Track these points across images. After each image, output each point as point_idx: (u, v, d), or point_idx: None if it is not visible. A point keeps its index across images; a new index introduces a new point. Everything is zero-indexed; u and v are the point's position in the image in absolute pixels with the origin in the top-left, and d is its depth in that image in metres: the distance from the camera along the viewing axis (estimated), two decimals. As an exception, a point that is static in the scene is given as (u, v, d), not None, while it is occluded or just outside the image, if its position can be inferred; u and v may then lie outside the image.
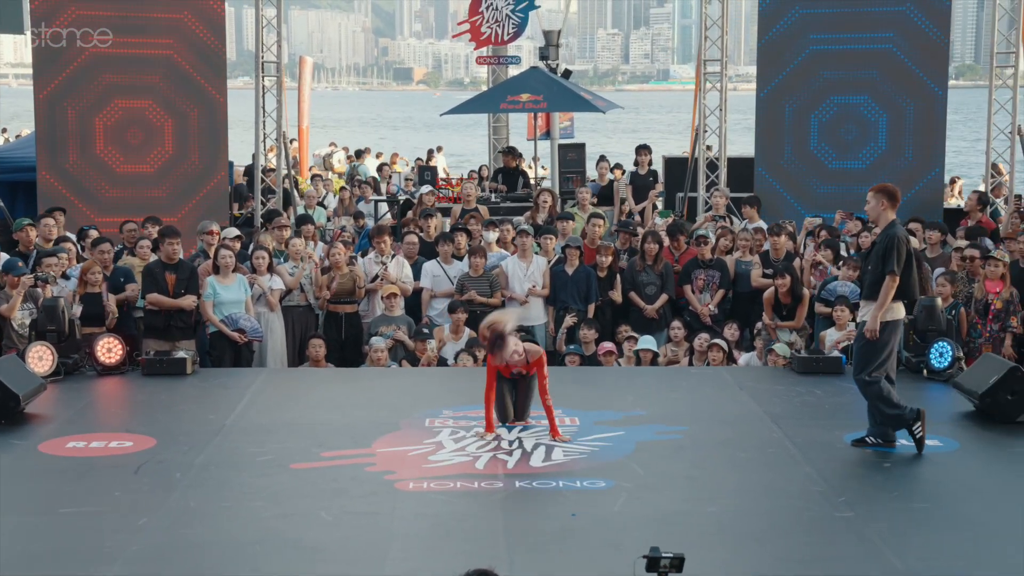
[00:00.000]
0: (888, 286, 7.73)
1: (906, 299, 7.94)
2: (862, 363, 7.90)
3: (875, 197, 7.94)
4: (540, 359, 8.34)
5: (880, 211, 7.93)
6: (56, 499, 6.97)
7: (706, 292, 11.87)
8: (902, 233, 7.86)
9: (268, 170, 16.03)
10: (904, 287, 7.80)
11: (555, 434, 8.19)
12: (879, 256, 7.80)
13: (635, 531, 6.44)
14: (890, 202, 7.90)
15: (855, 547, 6.28)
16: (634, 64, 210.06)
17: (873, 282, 7.85)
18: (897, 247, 7.72)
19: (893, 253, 7.71)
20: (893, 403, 7.83)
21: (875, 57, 14.80)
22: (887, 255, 7.73)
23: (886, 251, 7.75)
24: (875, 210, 7.97)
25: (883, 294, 7.74)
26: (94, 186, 14.32)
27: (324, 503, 6.87)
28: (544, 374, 8.28)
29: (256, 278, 11.28)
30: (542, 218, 13.73)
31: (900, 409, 7.83)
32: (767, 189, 14.97)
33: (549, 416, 8.24)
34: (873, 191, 7.98)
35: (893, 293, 7.74)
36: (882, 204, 7.91)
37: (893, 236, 7.77)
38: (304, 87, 26.17)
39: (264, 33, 15.63)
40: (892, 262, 7.71)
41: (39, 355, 9.63)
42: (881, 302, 7.75)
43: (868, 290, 7.92)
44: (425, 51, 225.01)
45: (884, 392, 7.85)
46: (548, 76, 17.83)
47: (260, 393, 9.58)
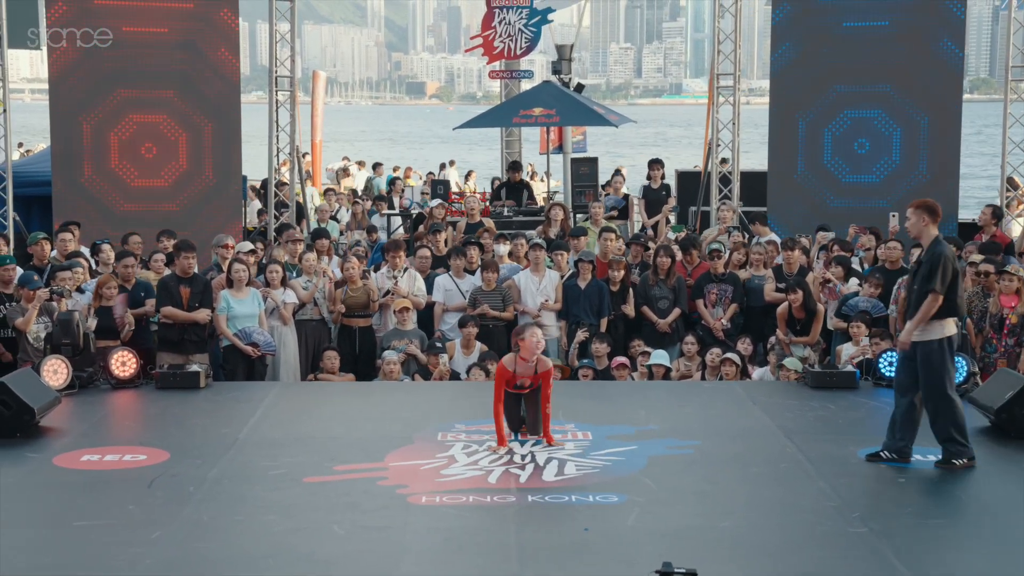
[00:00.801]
0: (929, 304, 7.70)
1: (955, 316, 7.88)
2: (937, 389, 7.78)
3: (916, 213, 7.89)
4: (548, 371, 8.41)
5: (922, 227, 7.88)
6: (70, 512, 6.98)
7: (719, 306, 11.85)
8: (949, 251, 7.80)
9: (281, 184, 16.09)
10: (951, 305, 7.76)
11: (549, 440, 8.34)
12: (925, 275, 7.76)
13: (647, 546, 6.42)
14: (931, 218, 7.86)
15: (869, 563, 6.24)
16: (647, 78, 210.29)
17: (918, 300, 7.82)
18: (943, 265, 7.69)
19: (939, 272, 7.68)
20: (962, 432, 7.79)
21: (889, 70, 14.78)
22: (932, 273, 7.70)
23: (931, 269, 7.72)
24: (916, 227, 7.92)
25: (923, 311, 7.71)
26: (109, 200, 14.40)
27: (336, 517, 6.87)
28: (550, 384, 8.38)
29: (270, 292, 11.31)
30: (554, 232, 13.74)
31: (964, 444, 7.80)
32: (780, 203, 14.95)
33: (545, 422, 8.39)
34: (913, 207, 7.94)
35: (933, 311, 7.70)
36: (923, 220, 7.86)
37: (940, 255, 7.73)
38: (317, 101, 26.27)
39: (278, 48, 15.70)
40: (936, 280, 7.67)
41: (54, 368, 9.67)
42: (920, 318, 7.73)
43: (912, 309, 7.89)
44: (438, 65, 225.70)
45: (959, 416, 7.80)
46: (561, 90, 17.88)
47: (273, 407, 9.59)
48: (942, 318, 7.76)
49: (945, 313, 7.76)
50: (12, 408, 8.49)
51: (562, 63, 19.22)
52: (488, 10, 18.25)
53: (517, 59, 19.20)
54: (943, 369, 7.79)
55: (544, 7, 18.23)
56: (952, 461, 7.83)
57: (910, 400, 7.94)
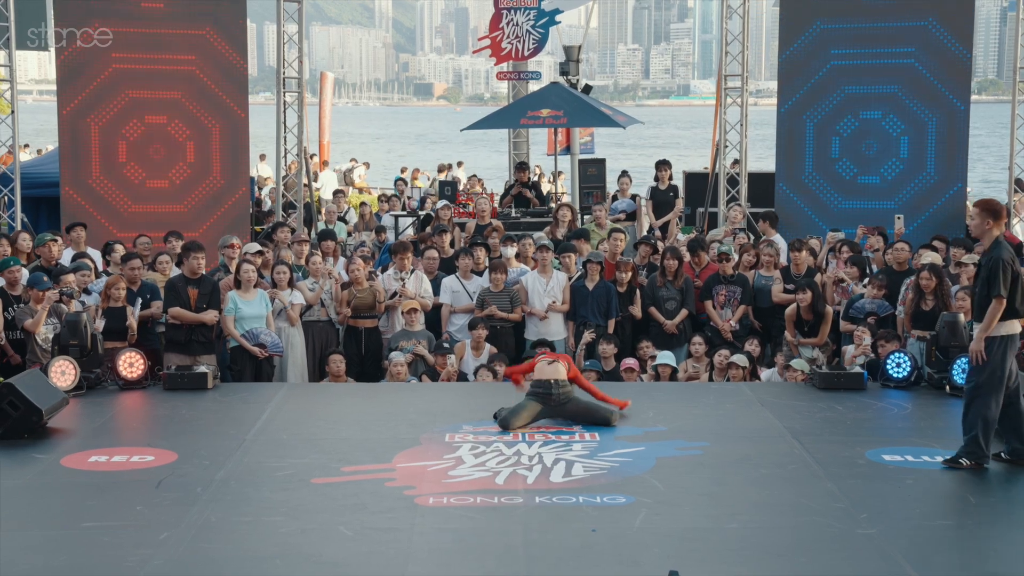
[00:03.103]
0: (994, 309, 7.71)
1: (1018, 317, 7.85)
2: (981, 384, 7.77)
3: (980, 215, 7.87)
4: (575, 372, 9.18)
5: (985, 229, 7.87)
6: (78, 513, 7.00)
7: (727, 308, 11.83)
8: (1007, 254, 7.78)
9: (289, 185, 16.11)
10: (1012, 307, 7.75)
11: (620, 404, 9.17)
12: (985, 280, 7.78)
13: (655, 547, 6.41)
14: (995, 220, 7.83)
15: (877, 564, 6.23)
16: (654, 79, 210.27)
17: (981, 305, 7.83)
18: (1003, 269, 7.69)
19: (999, 275, 7.68)
20: (988, 435, 7.76)
21: (897, 72, 14.76)
22: (992, 278, 7.71)
23: (991, 274, 7.72)
24: (979, 227, 7.91)
25: (988, 316, 7.73)
26: (117, 201, 14.41)
27: (344, 518, 6.87)
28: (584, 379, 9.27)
29: (277, 293, 11.32)
30: (562, 233, 13.73)
31: (987, 448, 7.77)
32: (788, 204, 14.93)
33: (608, 399, 9.18)
34: (977, 208, 7.92)
35: (999, 316, 7.72)
36: (987, 223, 7.84)
37: (998, 259, 7.73)
38: (325, 103, 26.31)
39: (285, 49, 15.73)
40: (998, 286, 7.67)
41: (62, 370, 9.69)
42: (986, 324, 7.74)
43: (977, 313, 7.91)
44: (445, 66, 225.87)
45: (991, 418, 7.78)
46: (568, 91, 17.87)
47: (280, 408, 9.60)
48: (1005, 319, 7.77)
49: (1008, 315, 7.76)
50: (20, 409, 8.50)
51: (570, 64, 19.23)
52: (496, 11, 18.27)
53: (525, 60, 19.22)
54: (996, 366, 7.76)
55: (552, 8, 18.23)
56: (960, 460, 7.80)
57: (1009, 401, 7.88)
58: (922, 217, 14.53)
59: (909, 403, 9.69)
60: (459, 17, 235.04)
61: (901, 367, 10.09)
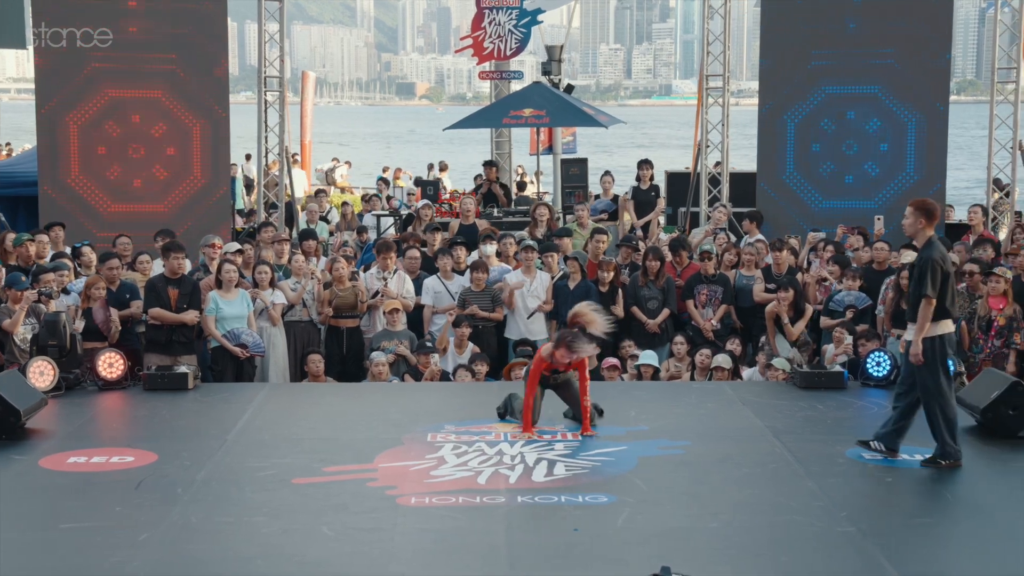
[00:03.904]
0: (924, 309, 7.75)
1: (948, 317, 7.90)
2: (932, 387, 7.81)
3: (913, 215, 7.91)
4: (583, 361, 8.62)
5: (918, 228, 7.91)
6: (57, 515, 6.96)
7: (709, 307, 11.86)
8: (938, 254, 7.82)
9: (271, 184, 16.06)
10: (942, 306, 7.79)
11: (586, 430, 8.63)
12: (917, 280, 7.82)
13: (637, 546, 6.42)
14: (928, 219, 7.88)
15: (857, 562, 6.26)
16: (636, 79, 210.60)
17: (914, 304, 7.88)
18: (932, 268, 7.73)
19: (927, 276, 7.72)
20: (953, 435, 7.83)
21: (877, 72, 14.83)
22: (922, 278, 7.75)
23: (921, 274, 7.77)
24: (913, 227, 7.95)
25: (921, 317, 7.77)
26: (96, 201, 14.34)
27: (326, 518, 6.85)
28: (586, 376, 8.66)
29: (259, 293, 11.28)
30: (541, 232, 13.73)
31: (953, 447, 7.82)
32: (769, 204, 14.98)
33: (584, 414, 8.67)
34: (912, 207, 7.96)
35: (930, 315, 7.75)
36: (920, 222, 7.88)
37: (928, 259, 7.77)
38: (307, 102, 26.24)
39: (267, 48, 15.67)
40: (927, 285, 7.72)
41: (40, 370, 9.62)
42: (920, 325, 7.78)
43: (911, 312, 7.94)
44: (428, 66, 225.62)
45: (952, 415, 7.85)
46: (551, 91, 17.87)
47: (262, 408, 9.57)
48: (936, 319, 7.81)
49: (938, 315, 7.80)
50: (-2, 410, 8.45)
51: (552, 64, 19.22)
52: (478, 11, 18.25)
53: (507, 60, 19.20)
54: (936, 367, 7.82)
55: (534, 8, 18.23)
56: (939, 460, 7.86)
57: (911, 402, 7.97)
58: (902, 217, 14.60)
59: (889, 402, 9.73)
60: (441, 17, 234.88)
61: (881, 366, 10.15)
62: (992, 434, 8.58)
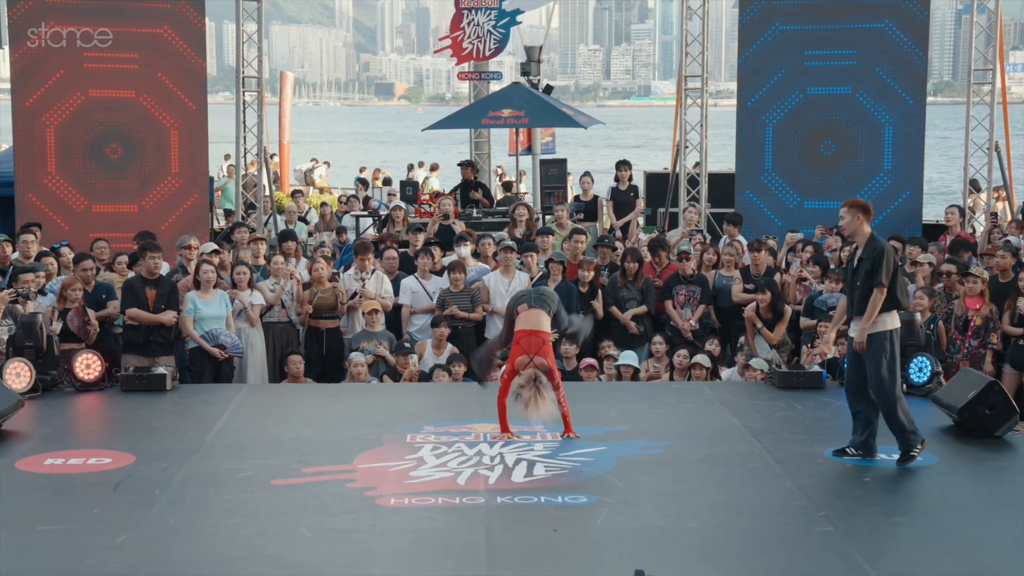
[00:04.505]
0: (876, 298, 7.79)
1: (898, 308, 7.98)
2: (887, 380, 7.86)
3: (850, 212, 8.01)
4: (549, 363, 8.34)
5: (857, 226, 8.01)
6: (34, 516, 6.90)
7: (687, 307, 11.89)
8: (888, 246, 7.93)
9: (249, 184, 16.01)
10: (894, 297, 7.86)
11: (568, 431, 8.48)
12: (867, 272, 7.85)
13: (616, 547, 6.43)
14: (865, 216, 7.99)
15: (835, 562, 6.28)
16: (615, 80, 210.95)
17: (863, 297, 7.90)
18: (886, 258, 7.80)
19: (882, 266, 7.78)
20: (911, 420, 7.90)
21: (854, 73, 14.92)
22: (876, 269, 7.80)
23: (873, 265, 7.82)
24: (851, 225, 8.04)
25: (871, 306, 7.81)
26: (73, 201, 14.24)
27: (305, 520, 6.83)
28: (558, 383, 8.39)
29: (237, 294, 11.24)
30: (520, 232, 13.74)
31: (915, 431, 7.89)
32: (748, 205, 15.04)
33: (565, 419, 8.50)
34: (847, 206, 8.06)
35: (880, 305, 7.80)
36: (858, 219, 7.99)
37: (881, 249, 7.84)
38: (285, 102, 26.17)
39: (245, 48, 15.62)
40: (881, 274, 7.78)
41: (16, 371, 9.56)
42: (869, 313, 7.82)
43: (858, 306, 7.95)
44: (407, 66, 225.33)
45: (906, 405, 7.92)
46: (530, 92, 17.89)
47: (240, 409, 9.53)
48: (887, 311, 7.87)
49: (889, 306, 7.86)
50: (-26, 411, 8.39)
51: (531, 64, 19.23)
52: (457, 11, 18.24)
53: (486, 60, 19.19)
54: (893, 361, 7.88)
55: (513, 8, 18.23)
56: (911, 453, 7.90)
57: (868, 400, 8.01)
58: (880, 217, 14.61)
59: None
60: (420, 17, 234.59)
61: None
62: (969, 434, 8.63)
